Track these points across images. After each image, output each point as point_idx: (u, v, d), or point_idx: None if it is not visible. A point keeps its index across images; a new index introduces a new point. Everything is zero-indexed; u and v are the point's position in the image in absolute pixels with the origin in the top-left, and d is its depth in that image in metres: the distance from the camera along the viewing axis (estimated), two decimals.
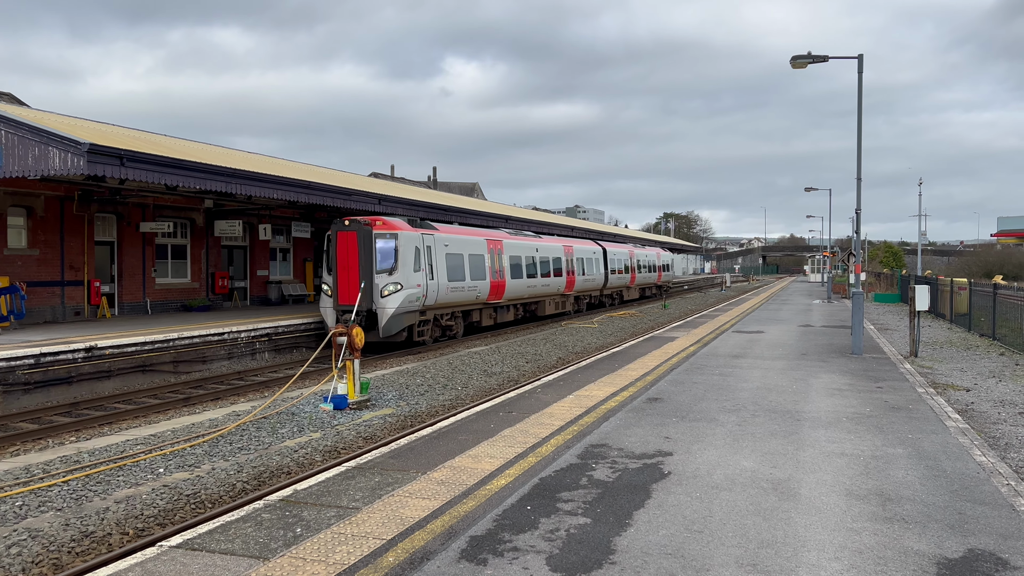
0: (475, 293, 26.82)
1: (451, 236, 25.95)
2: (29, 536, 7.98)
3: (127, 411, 14.60)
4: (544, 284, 33.66)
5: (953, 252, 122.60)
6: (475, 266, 26.92)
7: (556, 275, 35.14)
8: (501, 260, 29.21)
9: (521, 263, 31.20)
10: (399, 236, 22.70)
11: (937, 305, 33.43)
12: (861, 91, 20.16)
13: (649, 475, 8.33)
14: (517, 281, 30.67)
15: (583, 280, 39.20)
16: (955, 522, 6.87)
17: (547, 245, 34.88)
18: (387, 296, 22.30)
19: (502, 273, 29.16)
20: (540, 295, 33.57)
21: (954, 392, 14.46)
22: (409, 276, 22.76)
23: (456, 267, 25.55)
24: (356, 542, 6.42)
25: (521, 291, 31.15)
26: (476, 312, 28.06)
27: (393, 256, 22.52)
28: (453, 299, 25.43)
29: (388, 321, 22.12)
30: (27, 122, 17.59)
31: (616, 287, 46.11)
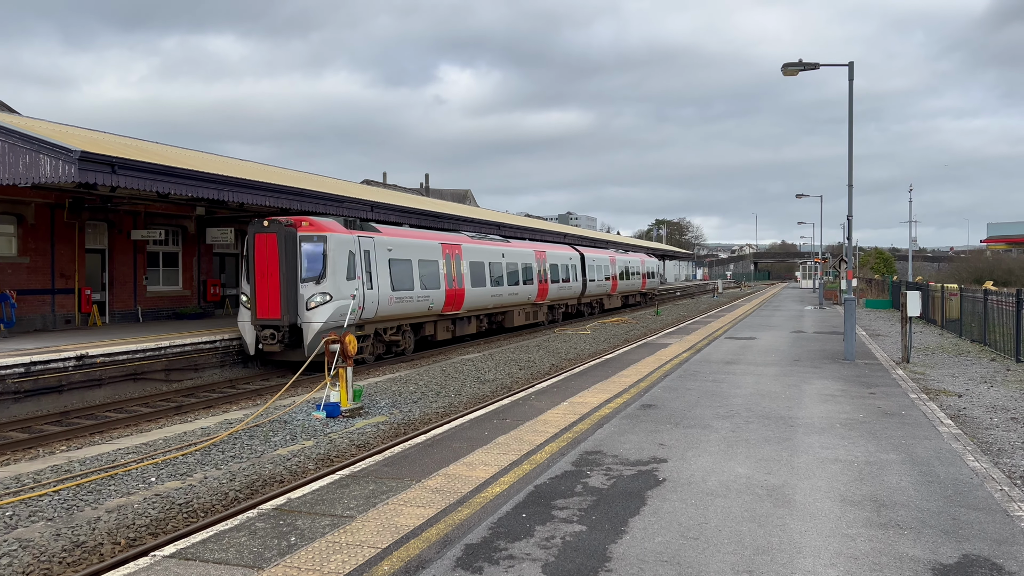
0: (426, 304, 23.95)
1: (396, 239, 23.05)
2: (19, 546, 7.91)
3: (118, 420, 14.51)
4: (512, 293, 31.06)
5: (944, 258, 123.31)
6: (427, 273, 24.20)
7: (526, 283, 32.44)
8: (459, 266, 26.53)
9: (484, 270, 28.62)
10: (328, 239, 19.86)
11: (928, 311, 33.58)
12: (852, 98, 20.28)
13: (644, 482, 8.32)
14: (479, 290, 28.01)
15: (557, 288, 36.66)
16: (949, 527, 6.89)
17: (515, 250, 32.31)
18: (313, 309, 19.46)
19: (460, 281, 26.45)
20: (507, 305, 30.95)
21: (946, 398, 14.51)
22: (341, 285, 19.94)
23: (403, 274, 22.75)
24: (351, 551, 6.39)
25: (484, 301, 28.62)
26: (429, 325, 25.16)
27: (321, 262, 19.70)
28: (399, 311, 22.63)
29: (315, 338, 19.17)
30: (18, 130, 17.51)
31: (595, 295, 43.69)
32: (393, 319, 22.56)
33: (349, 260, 20.38)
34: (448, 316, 26.13)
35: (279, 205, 22.87)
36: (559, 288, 36.81)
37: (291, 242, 19.79)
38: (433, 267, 24.66)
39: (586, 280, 41.17)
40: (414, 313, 23.55)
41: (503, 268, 30.40)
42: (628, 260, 50.60)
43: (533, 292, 33.40)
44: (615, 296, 47.58)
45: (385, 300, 21.73)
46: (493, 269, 29.42)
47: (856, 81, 21.48)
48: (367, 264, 21.09)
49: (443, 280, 25.13)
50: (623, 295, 49.62)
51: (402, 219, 29.36)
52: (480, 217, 36.62)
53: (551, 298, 36.12)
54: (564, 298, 38.17)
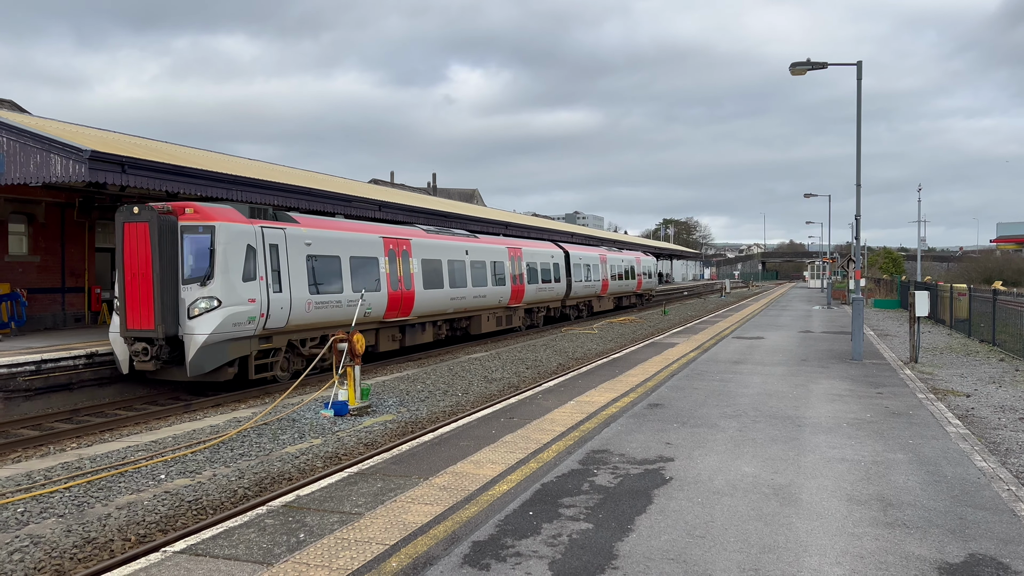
0: (361, 310, 20.09)
1: (319, 232, 19.28)
2: (31, 542, 7.99)
3: (128, 417, 14.61)
4: (478, 295, 27.48)
5: (953, 258, 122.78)
6: (363, 273, 20.64)
7: (496, 283, 28.97)
8: (408, 265, 22.81)
9: (441, 269, 24.89)
10: (218, 229, 16.13)
11: (937, 311, 33.47)
12: (860, 98, 20.24)
13: (651, 481, 8.35)
14: (435, 292, 24.25)
15: (536, 289, 32.96)
16: (956, 527, 6.89)
17: (483, 247, 28.66)
18: (197, 317, 15.75)
19: (409, 282, 22.74)
20: (472, 309, 27.37)
21: (954, 398, 14.48)
22: (235, 287, 16.23)
23: (328, 274, 19.28)
24: (359, 547, 6.44)
25: (441, 304, 24.84)
26: (370, 334, 21.45)
27: (208, 258, 16.02)
28: (322, 318, 18.91)
29: (199, 354, 15.57)
30: (29, 129, 17.64)
31: (582, 297, 39.96)
32: (314, 328, 18.89)
33: (248, 256, 16.66)
34: (394, 323, 22.39)
35: (287, 204, 22.97)
36: (538, 289, 33.23)
37: (169, 233, 16.01)
38: (371, 266, 21.02)
39: (571, 280, 37.78)
40: (342, 320, 19.61)
41: (467, 267, 26.84)
42: (621, 259, 47.38)
43: (505, 294, 29.85)
44: (606, 298, 44.31)
45: (300, 305, 18.09)
46: (454, 268, 25.80)
47: (867, 81, 21.45)
48: (274, 261, 17.46)
49: (385, 281, 21.51)
50: (615, 296, 46.48)
51: (411, 219, 29.43)
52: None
53: (528, 300, 32.56)
54: (544, 300, 34.59)
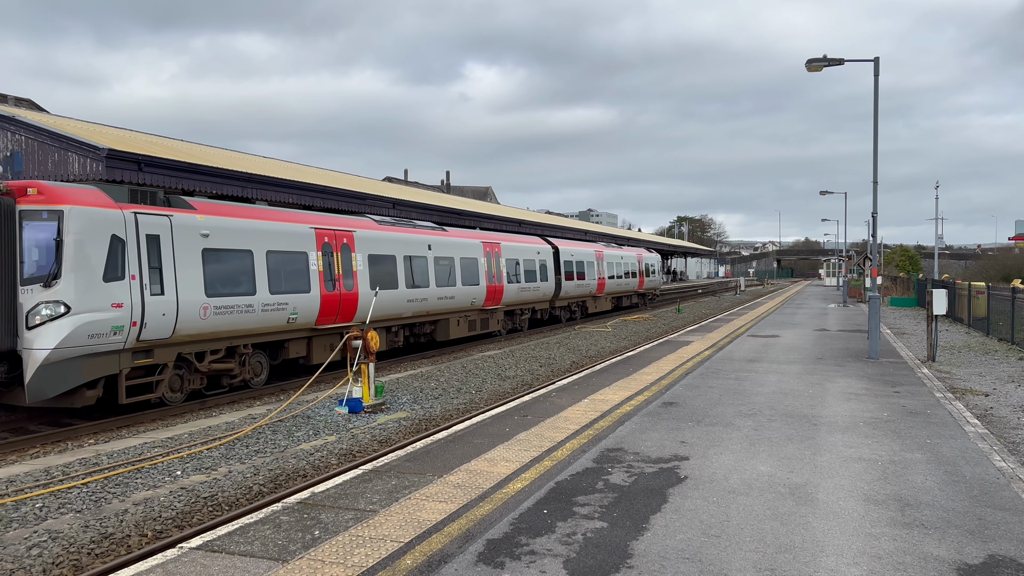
0: (283, 314, 16.95)
1: (221, 221, 15.73)
2: (49, 537, 8.06)
3: (144, 414, 14.70)
4: (445, 296, 23.89)
5: (971, 256, 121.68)
6: (285, 271, 17.16)
7: (468, 283, 25.49)
8: (350, 261, 19.48)
9: (395, 266, 21.49)
10: (67, 215, 12.95)
11: (955, 309, 33.16)
12: (877, 94, 20.07)
13: (665, 479, 8.31)
14: (389, 293, 20.91)
15: (518, 289, 29.65)
16: (975, 528, 6.82)
17: (450, 241, 24.99)
18: (38, 327, 12.64)
19: (351, 281, 19.37)
20: (438, 312, 23.80)
21: (973, 397, 14.34)
22: (91, 288, 13.09)
23: (234, 272, 15.76)
24: (374, 544, 6.45)
25: (396, 307, 21.47)
26: (298, 343, 18.13)
27: (54, 252, 12.87)
28: (225, 326, 15.50)
29: (39, 373, 12.48)
30: (47, 128, 17.79)
31: (575, 296, 36.55)
32: (215, 338, 15.46)
33: (113, 250, 13.55)
34: (332, 330, 19.11)
35: (302, 202, 23.05)
36: (520, 289, 29.90)
37: (4, 220, 12.89)
38: (298, 262, 17.55)
39: (560, 279, 34.26)
40: (259, 328, 16.48)
41: (429, 264, 23.26)
42: (620, 255, 43.94)
43: (479, 294, 26.40)
44: (602, 298, 40.75)
45: (192, 311, 14.75)
46: (413, 265, 22.35)
47: (885, 77, 21.34)
48: (154, 256, 14.28)
49: (317, 280, 18.09)
50: (614, 296, 43.01)
51: (424, 216, 29.46)
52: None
53: (509, 302, 29.20)
54: (528, 301, 31.05)
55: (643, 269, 47.90)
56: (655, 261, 51.68)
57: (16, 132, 18.22)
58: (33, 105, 31.37)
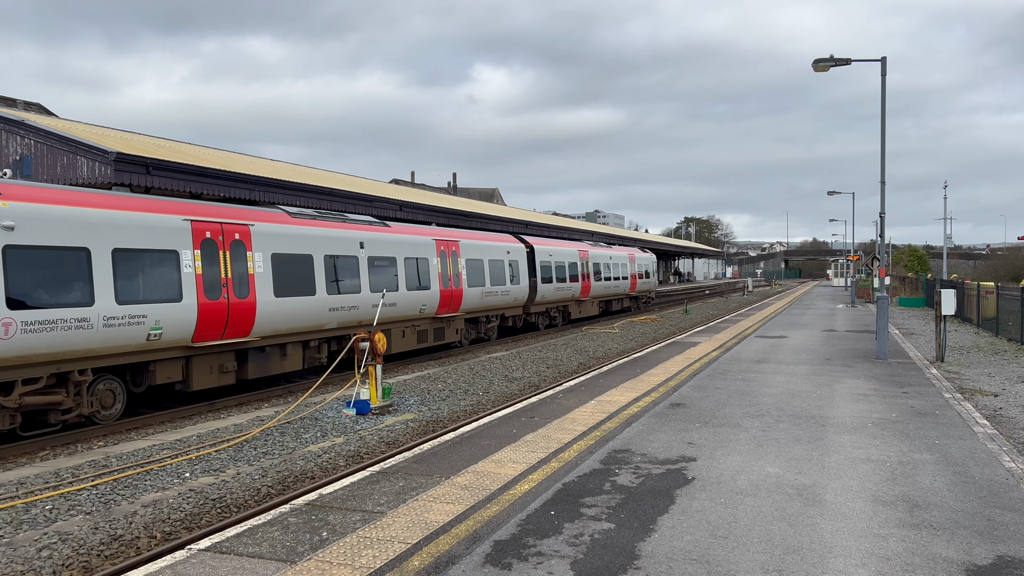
0: (142, 330, 13.55)
1: (44, 210, 12.46)
2: (59, 539, 8.10)
3: (153, 416, 14.77)
4: (385, 303, 20.26)
5: (980, 255, 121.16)
6: (145, 275, 13.84)
7: (416, 288, 21.78)
8: (244, 262, 15.94)
9: (312, 267, 17.87)
10: None
11: (963, 309, 33.02)
12: (884, 94, 20.02)
13: (673, 480, 8.31)
14: (298, 302, 17.25)
15: (481, 294, 25.95)
16: (984, 528, 6.79)
17: (391, 239, 21.20)
18: None
19: (244, 286, 15.87)
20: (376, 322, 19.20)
21: (982, 397, 14.28)
22: None
23: (58, 277, 12.51)
24: (382, 546, 6.46)
25: (311, 318, 17.79)
26: (171, 366, 14.64)
27: None
28: (43, 348, 12.15)
29: None
30: (56, 132, 17.90)
31: (553, 301, 32.94)
32: (31, 362, 12.08)
33: None
34: (220, 348, 15.49)
35: (309, 204, 23.14)
36: (484, 294, 26.23)
37: None
38: (163, 264, 14.13)
39: (536, 282, 30.91)
40: (103, 349, 13.14)
41: (362, 265, 19.74)
42: (609, 255, 40.51)
43: (432, 301, 22.71)
44: (587, 302, 37.21)
45: None
46: (338, 266, 18.87)
47: (895, 77, 21.27)
48: None
49: (193, 286, 14.60)
50: (601, 300, 39.49)
51: (431, 218, 29.56)
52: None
53: (470, 308, 25.55)
54: (495, 307, 27.53)
55: (635, 270, 44.64)
56: (650, 262, 48.52)
57: (26, 136, 18.34)
58: (42, 109, 31.54)
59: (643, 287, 46.28)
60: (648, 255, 48.62)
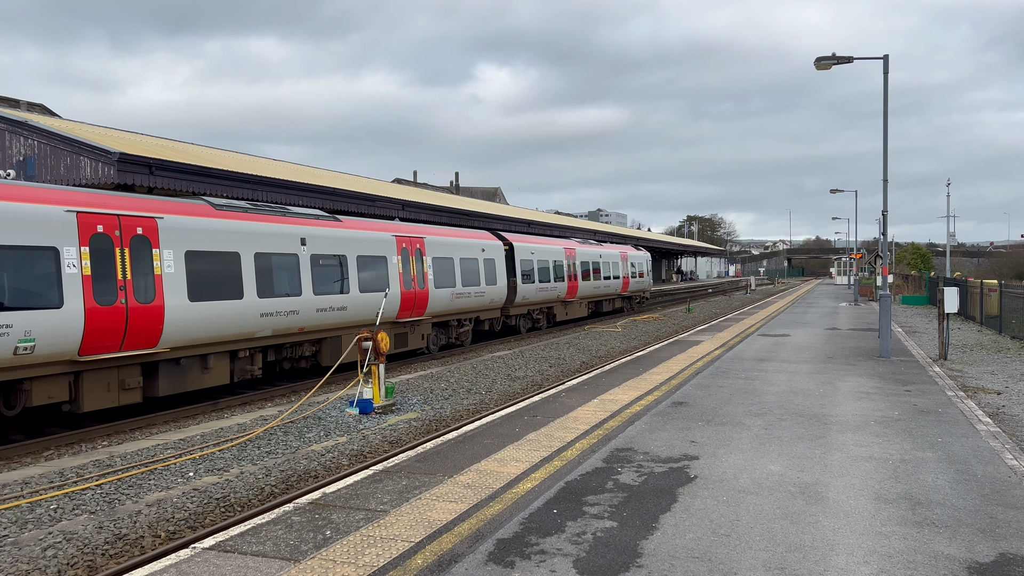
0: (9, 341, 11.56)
1: None
2: (64, 538, 8.14)
3: (157, 416, 14.81)
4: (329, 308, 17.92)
5: (983, 253, 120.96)
6: (6, 276, 11.72)
7: (372, 289, 19.47)
8: (149, 262, 13.88)
9: (238, 268, 15.58)
10: None
11: (967, 307, 32.98)
12: (887, 92, 20.00)
13: (675, 479, 8.32)
14: (219, 306, 14.98)
15: (452, 296, 23.59)
16: (986, 526, 6.80)
17: (340, 235, 18.79)
18: None
19: (148, 290, 13.81)
20: (322, 328, 17.93)
21: (985, 395, 14.27)
22: None
23: None
24: (385, 544, 6.49)
25: (242, 324, 15.57)
26: (53, 384, 12.60)
27: None
28: None
29: None
30: (59, 132, 17.95)
31: (536, 303, 30.87)
32: None
33: None
34: (123, 361, 13.53)
35: (312, 204, 23.17)
36: (455, 296, 23.87)
37: None
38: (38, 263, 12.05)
39: (516, 282, 28.69)
40: None
41: (303, 265, 17.33)
42: (599, 254, 38.16)
43: (391, 303, 20.39)
44: (575, 303, 34.98)
45: None
46: (272, 266, 16.44)
47: (898, 75, 21.23)
48: None
49: (77, 289, 12.51)
50: (590, 301, 37.42)
51: (432, 217, 29.61)
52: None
53: (438, 311, 23.15)
54: (468, 310, 25.15)
55: (628, 269, 42.38)
56: (644, 260, 46.09)
57: (29, 137, 18.39)
58: (45, 110, 31.61)
59: (636, 287, 44.32)
60: (642, 253, 46.50)
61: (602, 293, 38.33)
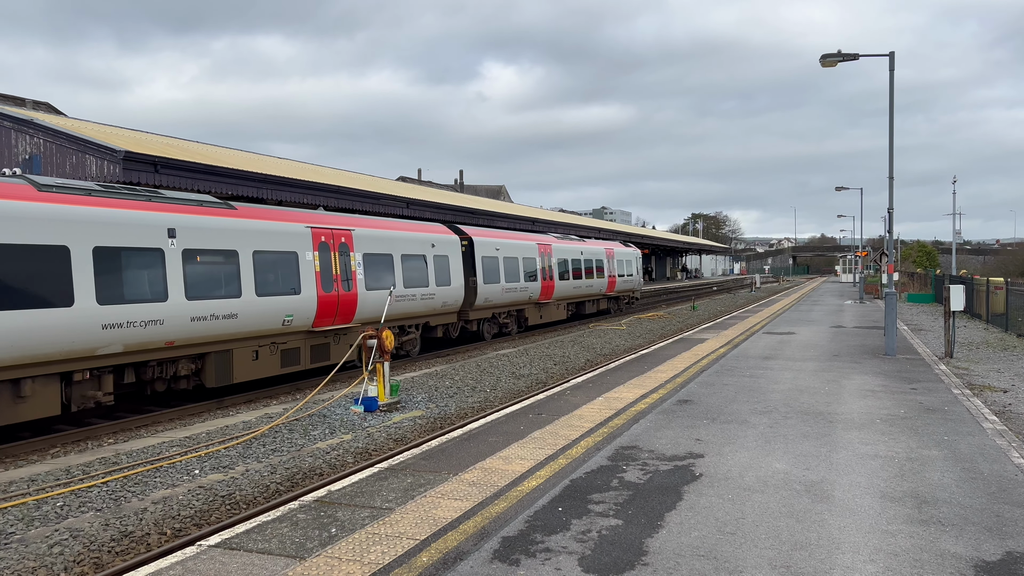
0: None
1: None
2: (70, 536, 8.16)
3: (163, 413, 14.84)
4: (210, 316, 14.64)
5: (989, 251, 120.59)
6: None
7: (273, 292, 16.11)
8: None
9: (68, 268, 12.32)
10: None
11: (973, 305, 32.88)
12: (892, 89, 19.93)
13: (680, 477, 8.31)
14: (54, 315, 11.96)
15: (374, 298, 19.14)
16: (993, 524, 6.78)
17: (230, 226, 15.39)
18: None
19: None
20: (203, 341, 14.75)
21: (991, 393, 14.23)
22: None
23: None
24: (390, 542, 6.49)
25: (76, 337, 12.32)
26: None
27: None
28: None
29: None
30: (65, 131, 17.99)
31: (502, 305, 27.07)
32: None
33: None
34: None
35: (316, 202, 23.20)
36: (395, 298, 20.13)
37: None
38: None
39: (476, 282, 25.10)
40: None
41: (168, 263, 13.97)
42: (580, 250, 34.49)
43: (306, 310, 16.98)
44: (551, 304, 31.40)
45: None
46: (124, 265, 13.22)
47: (905, 72, 21.17)
48: None
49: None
50: (570, 302, 33.73)
51: (436, 215, 29.64)
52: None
53: (368, 316, 19.11)
54: (416, 314, 21.66)
55: (615, 267, 38.68)
56: (633, 257, 42.34)
57: (35, 135, 18.44)
58: (51, 108, 31.68)
59: (624, 286, 40.55)
60: (631, 250, 42.66)
61: (584, 294, 34.89)
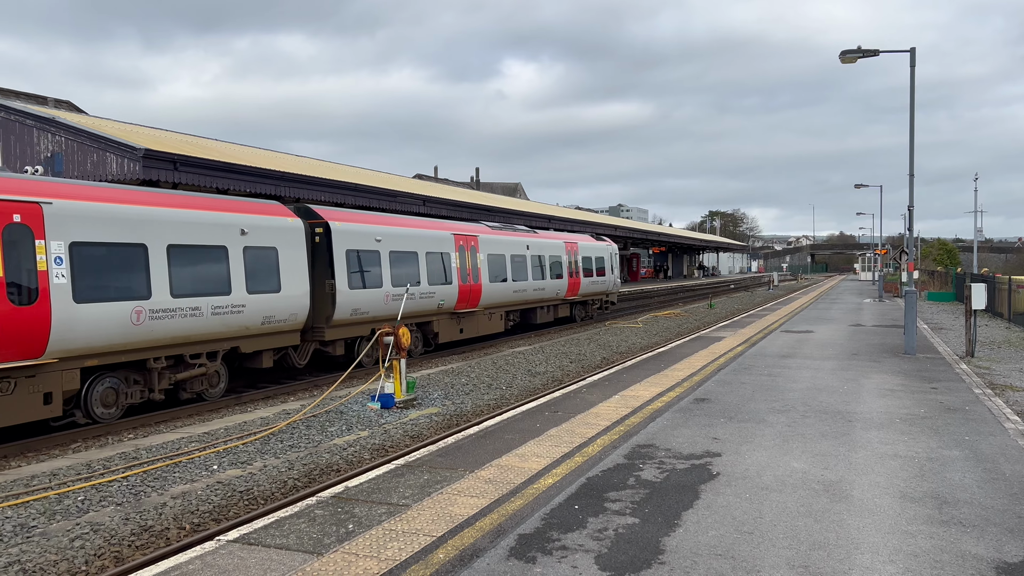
0: None
1: None
2: (91, 529, 8.25)
3: (181, 409, 14.97)
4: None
5: (1012, 249, 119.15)
6: None
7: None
8: None
9: None
10: None
11: (994, 304, 32.50)
12: (913, 85, 19.72)
13: (697, 476, 8.28)
14: None
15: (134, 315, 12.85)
16: (1014, 525, 6.70)
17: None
18: None
19: None
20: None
21: (1013, 393, 14.06)
22: None
23: None
24: (407, 538, 6.51)
25: None
26: None
27: None
28: None
29: None
30: (86, 129, 18.16)
31: (384, 318, 19.24)
32: None
33: None
34: None
35: (334, 200, 23.28)
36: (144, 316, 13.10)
37: None
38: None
39: (338, 284, 17.81)
40: None
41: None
42: (526, 243, 27.58)
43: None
44: (480, 314, 24.39)
45: None
46: None
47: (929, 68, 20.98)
48: None
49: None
50: (509, 310, 26.55)
51: (453, 213, 29.68)
52: None
53: (100, 345, 12.48)
54: (208, 337, 14.64)
55: (578, 265, 31.65)
56: (606, 253, 34.75)
57: (56, 133, 18.64)
58: (72, 107, 31.99)
59: (592, 289, 33.08)
60: (604, 244, 35.04)
61: (531, 299, 27.71)
